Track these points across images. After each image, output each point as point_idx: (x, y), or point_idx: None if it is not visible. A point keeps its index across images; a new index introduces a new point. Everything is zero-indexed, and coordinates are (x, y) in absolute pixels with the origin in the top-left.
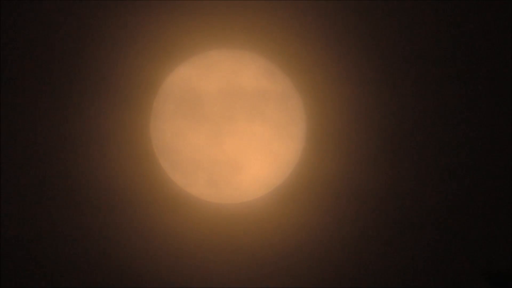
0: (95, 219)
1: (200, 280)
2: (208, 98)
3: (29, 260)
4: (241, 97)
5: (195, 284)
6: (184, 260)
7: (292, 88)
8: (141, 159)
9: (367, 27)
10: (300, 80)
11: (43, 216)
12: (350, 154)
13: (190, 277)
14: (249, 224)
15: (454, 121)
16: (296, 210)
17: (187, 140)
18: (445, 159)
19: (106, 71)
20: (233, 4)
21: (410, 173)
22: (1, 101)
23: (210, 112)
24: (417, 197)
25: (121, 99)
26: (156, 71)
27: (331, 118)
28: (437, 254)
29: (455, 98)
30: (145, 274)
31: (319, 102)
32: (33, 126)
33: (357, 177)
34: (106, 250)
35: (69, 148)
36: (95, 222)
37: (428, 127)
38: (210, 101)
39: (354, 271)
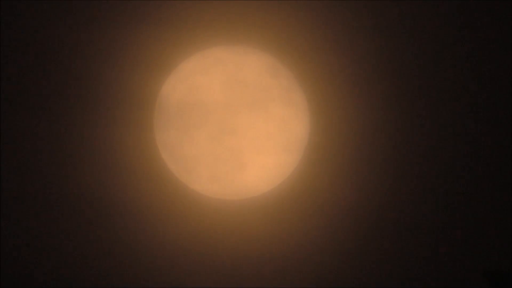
0: (97, 218)
1: (202, 276)
2: (211, 94)
3: (35, 267)
4: (244, 93)
5: (197, 279)
6: (186, 255)
7: (296, 84)
8: (144, 156)
9: (373, 23)
10: (304, 76)
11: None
12: (353, 152)
13: (193, 272)
14: (252, 220)
15: (457, 126)
16: (300, 205)
17: (190, 137)
18: (445, 161)
19: (107, 71)
20: (236, 1)
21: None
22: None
23: (213, 108)
24: (418, 197)
25: (124, 98)
26: (158, 68)
27: (335, 115)
28: (437, 254)
29: (464, 105)
30: (147, 270)
31: (323, 98)
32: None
33: (360, 174)
34: (108, 246)
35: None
36: (97, 221)
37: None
38: (213, 98)
39: (356, 269)
